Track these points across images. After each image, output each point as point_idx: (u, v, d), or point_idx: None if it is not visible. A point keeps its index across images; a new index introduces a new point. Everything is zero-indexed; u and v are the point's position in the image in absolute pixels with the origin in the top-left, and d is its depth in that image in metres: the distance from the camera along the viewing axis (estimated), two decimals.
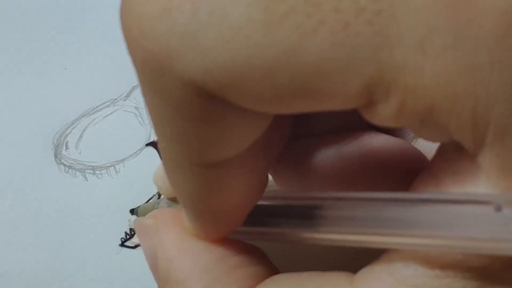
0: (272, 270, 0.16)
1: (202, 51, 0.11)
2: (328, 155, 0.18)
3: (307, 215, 0.15)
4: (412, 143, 0.18)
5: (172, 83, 0.12)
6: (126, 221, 0.27)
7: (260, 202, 0.16)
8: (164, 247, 0.17)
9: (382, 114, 0.12)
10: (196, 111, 0.12)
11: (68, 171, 0.28)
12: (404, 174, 0.17)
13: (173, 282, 0.16)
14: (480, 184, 0.12)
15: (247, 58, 0.11)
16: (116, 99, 0.30)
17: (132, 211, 0.27)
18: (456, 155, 0.13)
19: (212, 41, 0.11)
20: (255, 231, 0.16)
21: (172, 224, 0.17)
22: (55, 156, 0.29)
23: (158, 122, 0.14)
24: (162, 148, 0.14)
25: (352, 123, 0.18)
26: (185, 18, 0.11)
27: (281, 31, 0.11)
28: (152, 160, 0.28)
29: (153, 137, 0.29)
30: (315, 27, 0.11)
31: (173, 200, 0.21)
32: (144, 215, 0.20)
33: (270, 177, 0.18)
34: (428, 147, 0.18)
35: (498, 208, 0.11)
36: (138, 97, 0.29)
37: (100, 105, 0.29)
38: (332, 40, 0.11)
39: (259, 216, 0.16)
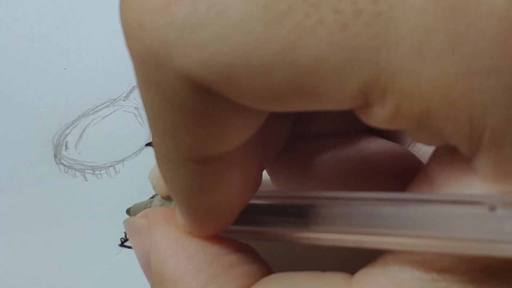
0: (267, 269, 0.16)
1: (200, 45, 0.12)
2: (326, 158, 0.18)
3: (300, 214, 0.15)
4: (409, 148, 0.18)
5: (169, 77, 0.12)
6: None
7: (254, 201, 0.16)
8: (157, 246, 0.17)
9: (378, 116, 0.12)
10: (191, 106, 0.13)
11: (67, 171, 0.28)
12: (400, 179, 0.17)
13: (168, 281, 0.16)
14: (474, 187, 0.12)
15: (245, 54, 0.11)
16: (116, 99, 0.30)
17: (128, 212, 0.27)
18: (451, 158, 0.13)
19: (210, 36, 0.11)
20: (249, 230, 0.16)
21: (165, 223, 0.17)
22: (55, 156, 0.29)
23: (152, 116, 0.14)
24: (155, 143, 0.14)
25: (351, 126, 0.18)
26: (184, 13, 0.12)
27: (279, 29, 0.11)
28: (152, 160, 0.28)
29: None
30: (313, 27, 0.11)
31: (167, 199, 0.21)
32: (136, 215, 0.20)
33: (264, 176, 0.18)
34: (425, 153, 0.18)
35: (492, 208, 0.11)
36: (137, 97, 0.29)
37: (100, 105, 0.29)
38: (330, 41, 0.11)
39: (252, 214, 0.16)
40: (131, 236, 0.18)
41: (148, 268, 0.17)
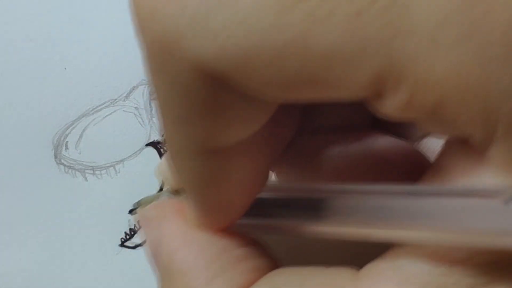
0: (275, 263, 0.17)
1: (211, 33, 0.11)
2: (332, 154, 0.18)
3: (309, 207, 0.15)
4: (417, 145, 0.18)
5: (180, 66, 0.12)
6: (126, 221, 0.27)
7: (263, 195, 0.16)
8: (167, 239, 0.17)
9: (390, 106, 0.12)
10: (202, 95, 0.13)
11: (68, 171, 0.28)
12: (406, 176, 0.17)
13: (176, 273, 0.16)
14: (488, 178, 0.12)
15: (257, 42, 0.11)
16: (116, 99, 0.30)
17: (138, 204, 0.27)
18: (463, 149, 0.13)
19: (222, 24, 0.11)
20: (258, 223, 0.16)
21: (175, 216, 0.17)
22: (55, 156, 0.29)
23: (163, 106, 0.14)
24: (166, 134, 0.14)
25: (357, 122, 0.18)
26: (195, 1, 0.11)
27: (292, 16, 0.11)
28: (152, 160, 0.28)
29: (153, 137, 0.29)
30: (327, 14, 0.11)
31: (176, 193, 0.21)
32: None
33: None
34: (431, 150, 0.18)
35: (507, 202, 0.11)
36: (138, 97, 0.29)
37: (100, 105, 0.29)
38: (343, 29, 0.11)
39: (262, 208, 0.16)
40: (144, 227, 0.18)
41: (157, 260, 0.17)
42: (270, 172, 0.18)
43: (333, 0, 0.11)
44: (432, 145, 0.18)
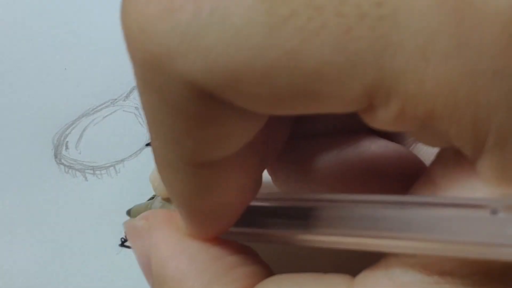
0: (267, 270, 0.16)
1: (203, 51, 0.11)
2: (327, 158, 0.18)
3: (301, 216, 0.15)
4: (411, 149, 0.18)
5: (172, 82, 0.12)
6: None
7: (255, 203, 0.16)
8: (158, 248, 0.17)
9: (382, 119, 0.12)
10: (193, 111, 0.13)
11: (68, 171, 0.28)
12: (401, 179, 0.17)
13: (169, 282, 0.16)
14: (477, 189, 0.12)
15: (248, 59, 0.11)
16: (116, 99, 0.30)
17: (129, 213, 0.27)
18: (454, 160, 0.13)
19: (213, 42, 0.11)
20: (249, 232, 0.16)
21: (165, 225, 0.17)
22: (55, 156, 0.29)
23: (153, 121, 0.14)
24: (155, 147, 0.14)
25: (352, 126, 0.18)
26: (186, 18, 0.11)
27: (282, 33, 0.11)
28: (152, 160, 0.28)
29: None
30: (316, 30, 0.11)
31: (168, 200, 0.21)
32: (136, 216, 0.20)
33: (265, 178, 0.18)
34: (426, 153, 0.18)
35: (494, 212, 0.11)
36: (138, 97, 0.29)
37: (100, 105, 0.29)
38: (333, 44, 0.11)
39: (253, 216, 0.16)
40: (131, 238, 0.18)
41: (149, 270, 0.17)
42: (264, 173, 0.18)
43: (322, 16, 0.11)
44: (427, 149, 0.18)
